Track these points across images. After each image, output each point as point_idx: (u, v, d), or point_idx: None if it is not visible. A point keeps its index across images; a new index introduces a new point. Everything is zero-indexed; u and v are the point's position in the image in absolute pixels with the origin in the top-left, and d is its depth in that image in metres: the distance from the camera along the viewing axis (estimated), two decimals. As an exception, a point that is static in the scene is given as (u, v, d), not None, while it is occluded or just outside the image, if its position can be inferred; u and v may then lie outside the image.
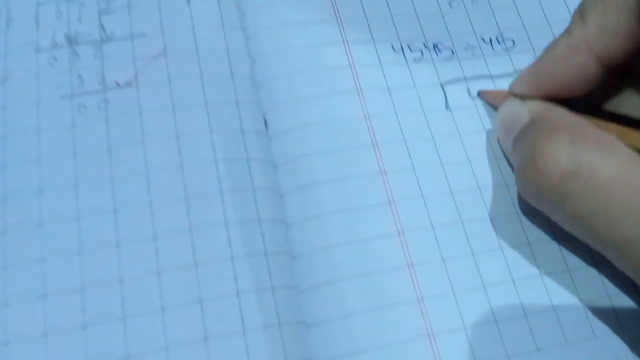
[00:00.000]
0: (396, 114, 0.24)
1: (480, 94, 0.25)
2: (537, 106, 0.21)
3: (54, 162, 0.21)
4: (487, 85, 0.25)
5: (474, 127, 0.24)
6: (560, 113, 0.20)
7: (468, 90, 0.25)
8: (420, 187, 0.23)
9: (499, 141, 0.23)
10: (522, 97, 0.22)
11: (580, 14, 0.19)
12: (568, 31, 0.20)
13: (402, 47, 0.25)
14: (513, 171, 0.22)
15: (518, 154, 0.20)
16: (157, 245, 0.19)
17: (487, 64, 0.26)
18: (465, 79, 0.25)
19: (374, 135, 0.23)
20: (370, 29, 0.26)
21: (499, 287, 0.21)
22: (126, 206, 0.20)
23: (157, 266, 0.19)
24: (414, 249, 0.21)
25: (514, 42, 0.26)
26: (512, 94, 0.22)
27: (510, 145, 0.21)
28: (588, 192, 0.17)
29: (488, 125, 0.24)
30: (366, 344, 0.20)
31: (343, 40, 0.25)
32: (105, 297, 0.19)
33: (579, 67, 0.19)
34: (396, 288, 0.21)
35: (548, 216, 0.20)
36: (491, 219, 0.22)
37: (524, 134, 0.20)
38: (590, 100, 0.21)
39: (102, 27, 0.23)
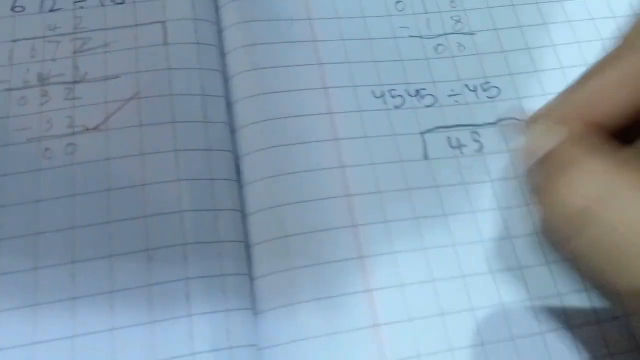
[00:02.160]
0: (373, 164, 0.23)
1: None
2: (576, 127, 0.18)
3: (16, 209, 0.20)
4: (467, 135, 0.25)
5: (453, 179, 0.24)
6: (596, 144, 0.17)
7: (449, 140, 0.24)
8: (392, 244, 0.22)
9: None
10: (561, 120, 0.20)
11: (629, 40, 0.17)
12: (616, 59, 0.17)
13: (383, 93, 0.25)
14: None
15: (543, 174, 0.18)
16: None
17: (470, 113, 0.25)
18: (446, 127, 0.25)
19: (348, 187, 0.23)
20: (351, 74, 0.25)
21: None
22: (85, 259, 0.19)
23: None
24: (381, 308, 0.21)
25: (499, 90, 0.26)
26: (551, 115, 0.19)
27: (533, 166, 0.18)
28: (604, 231, 0.15)
29: (467, 177, 0.24)
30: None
31: (323, 85, 0.25)
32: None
33: (628, 100, 0.17)
34: None
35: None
36: (464, 279, 0.22)
37: (550, 158, 0.18)
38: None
39: (76, 67, 0.23)
